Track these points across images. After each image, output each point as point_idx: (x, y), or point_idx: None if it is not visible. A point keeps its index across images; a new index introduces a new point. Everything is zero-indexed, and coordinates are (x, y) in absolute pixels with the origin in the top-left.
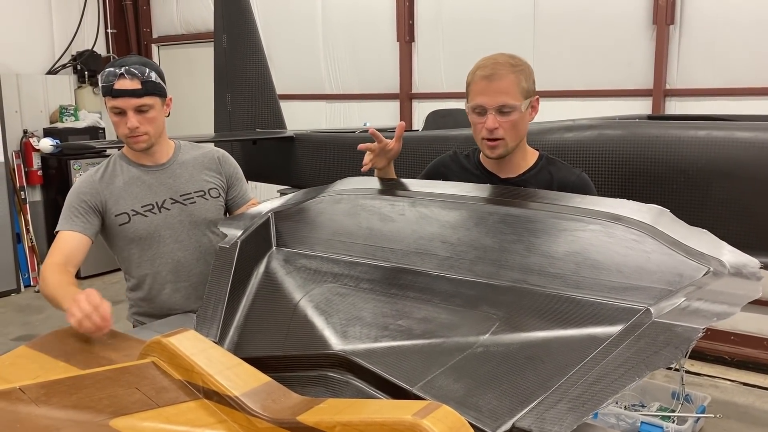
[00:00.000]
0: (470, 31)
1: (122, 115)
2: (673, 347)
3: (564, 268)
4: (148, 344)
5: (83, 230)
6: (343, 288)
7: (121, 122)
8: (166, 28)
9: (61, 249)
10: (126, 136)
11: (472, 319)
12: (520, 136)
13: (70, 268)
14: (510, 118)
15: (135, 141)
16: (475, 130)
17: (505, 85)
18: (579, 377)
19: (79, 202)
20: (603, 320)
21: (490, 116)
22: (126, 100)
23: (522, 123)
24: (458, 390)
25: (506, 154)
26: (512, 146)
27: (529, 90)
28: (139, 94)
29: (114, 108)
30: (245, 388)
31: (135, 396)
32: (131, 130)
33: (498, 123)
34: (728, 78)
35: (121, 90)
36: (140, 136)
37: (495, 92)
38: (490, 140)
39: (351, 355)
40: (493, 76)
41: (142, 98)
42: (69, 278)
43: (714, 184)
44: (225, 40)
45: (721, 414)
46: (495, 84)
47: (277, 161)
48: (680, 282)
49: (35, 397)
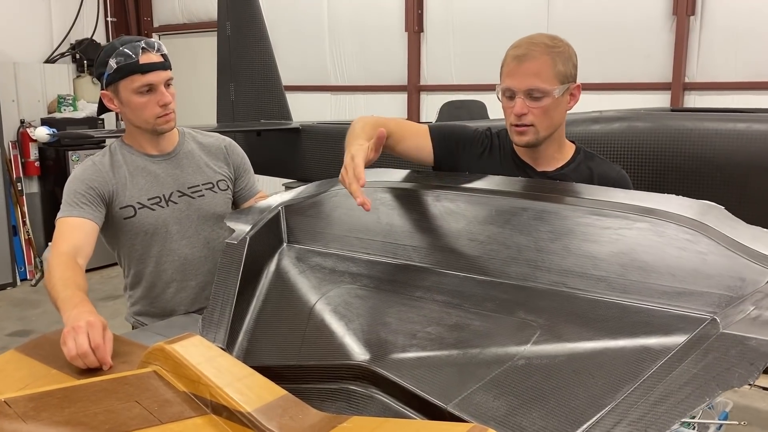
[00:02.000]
0: (482, 21)
1: (151, 93)
2: (748, 363)
3: (608, 270)
4: (149, 351)
5: (92, 217)
6: (363, 290)
7: (151, 101)
8: (167, 17)
9: (70, 237)
10: (156, 117)
11: (509, 326)
12: (553, 124)
13: (80, 260)
14: (540, 103)
15: (166, 119)
16: (505, 116)
17: (537, 67)
18: (639, 396)
19: (86, 188)
20: (656, 329)
21: (518, 100)
22: (158, 74)
23: (556, 111)
24: (499, 408)
25: (536, 142)
26: (544, 135)
27: (566, 75)
28: (165, 66)
29: (143, 86)
30: (258, 403)
31: (135, 410)
32: (164, 107)
33: (527, 108)
34: (751, 71)
35: (150, 64)
36: (171, 113)
37: (524, 74)
38: (518, 126)
39: (376, 366)
40: (525, 56)
41: (168, 71)
42: (77, 276)
43: (753, 180)
44: (229, 28)
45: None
46: (525, 65)
47: (283, 153)
48: (742, 287)
49: (22, 411)
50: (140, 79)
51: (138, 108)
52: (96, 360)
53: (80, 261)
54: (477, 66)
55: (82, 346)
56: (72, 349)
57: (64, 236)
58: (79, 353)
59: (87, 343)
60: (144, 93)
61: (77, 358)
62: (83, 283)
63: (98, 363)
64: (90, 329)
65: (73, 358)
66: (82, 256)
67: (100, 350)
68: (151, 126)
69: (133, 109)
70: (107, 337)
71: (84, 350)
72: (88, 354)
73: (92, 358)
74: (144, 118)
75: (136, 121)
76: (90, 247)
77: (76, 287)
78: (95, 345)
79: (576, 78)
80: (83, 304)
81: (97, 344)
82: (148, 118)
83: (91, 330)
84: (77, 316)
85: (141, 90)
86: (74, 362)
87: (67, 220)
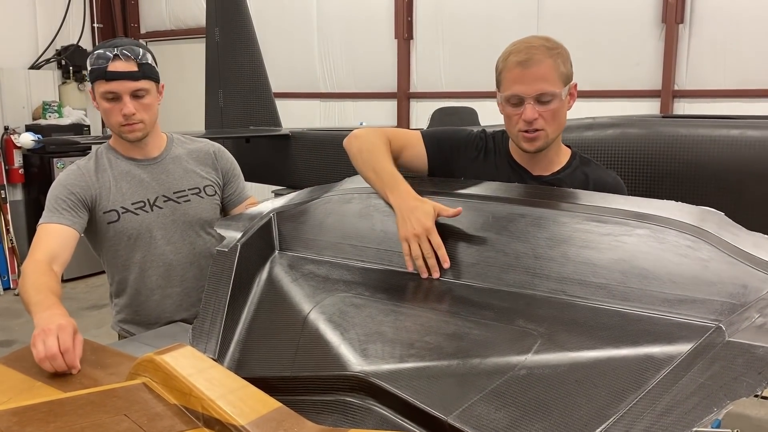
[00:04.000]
0: (472, 29)
1: (116, 101)
2: (756, 372)
3: (609, 277)
4: (138, 362)
5: (72, 224)
6: (358, 298)
7: (115, 109)
8: (155, 23)
9: (46, 244)
10: (120, 125)
11: (509, 335)
12: (560, 126)
13: (56, 267)
14: (550, 107)
15: (130, 129)
16: (510, 123)
17: (543, 71)
18: (645, 407)
19: (67, 194)
20: (658, 338)
21: (528, 106)
22: (122, 84)
23: (562, 112)
24: (501, 420)
25: (546, 146)
26: (552, 138)
27: (567, 75)
28: (136, 77)
29: (107, 93)
30: (252, 416)
31: (123, 424)
32: (126, 117)
33: (537, 113)
34: (740, 79)
35: (116, 72)
36: (136, 124)
37: (532, 79)
38: (529, 132)
39: (373, 377)
40: (529, 61)
41: (138, 81)
42: (51, 281)
43: (747, 186)
44: (218, 34)
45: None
46: (532, 70)
47: (272, 160)
48: (745, 294)
49: (6, 426)
50: (105, 86)
51: (105, 112)
52: (64, 363)
53: (56, 268)
54: (466, 73)
55: (51, 348)
56: (41, 351)
57: (41, 243)
58: (47, 356)
59: (56, 346)
60: (109, 99)
61: (45, 360)
62: (57, 288)
63: (66, 367)
64: (60, 332)
65: (41, 361)
66: (58, 263)
67: (68, 354)
68: (117, 132)
69: (102, 112)
70: (77, 341)
71: (53, 353)
72: (56, 357)
73: (60, 361)
74: (110, 123)
75: (107, 124)
76: (67, 254)
77: (49, 291)
78: (64, 348)
79: (572, 77)
80: (55, 307)
81: (66, 348)
82: (113, 125)
83: (61, 333)
84: (48, 319)
85: (107, 96)
86: (42, 365)
87: (46, 226)
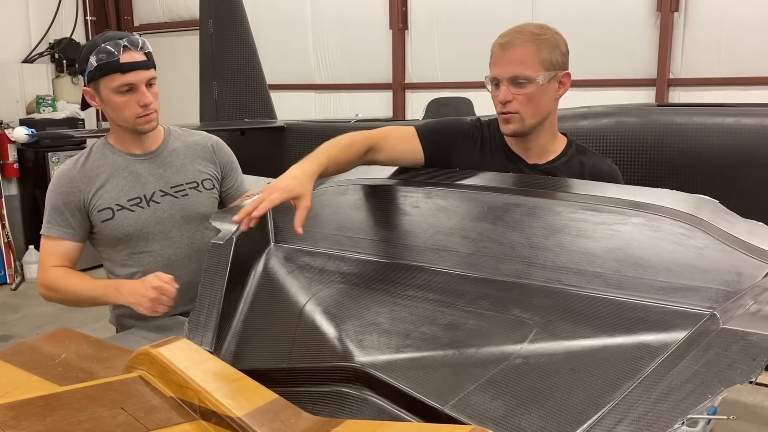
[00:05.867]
0: (467, 18)
1: (131, 92)
2: (750, 359)
3: (604, 266)
4: (135, 356)
5: (72, 237)
6: (354, 289)
7: (131, 101)
8: (148, 16)
9: (53, 255)
10: (137, 117)
11: (504, 325)
12: (540, 113)
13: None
14: (524, 90)
15: (147, 119)
16: (494, 105)
17: (520, 55)
18: (639, 394)
19: (63, 204)
20: (653, 326)
21: (503, 87)
22: (138, 74)
23: (542, 98)
24: (497, 409)
25: (523, 131)
26: (531, 123)
27: (552, 62)
28: (148, 65)
29: (123, 86)
30: (249, 408)
31: (120, 417)
32: (145, 108)
33: (511, 95)
34: (735, 67)
35: (131, 63)
36: (152, 113)
37: (508, 62)
38: (504, 114)
39: (369, 368)
40: (509, 44)
41: (150, 70)
42: (80, 274)
43: (742, 174)
44: (211, 26)
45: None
46: (509, 53)
47: (267, 152)
48: (739, 282)
49: (2, 421)
50: (120, 79)
51: (118, 107)
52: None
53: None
54: (462, 63)
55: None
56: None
57: (50, 253)
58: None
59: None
60: (124, 92)
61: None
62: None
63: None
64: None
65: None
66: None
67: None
68: (131, 125)
69: (113, 108)
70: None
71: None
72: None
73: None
74: (124, 117)
75: (117, 120)
76: (76, 260)
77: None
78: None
79: (566, 66)
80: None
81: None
82: (128, 118)
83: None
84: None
85: (121, 89)
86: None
87: (51, 241)
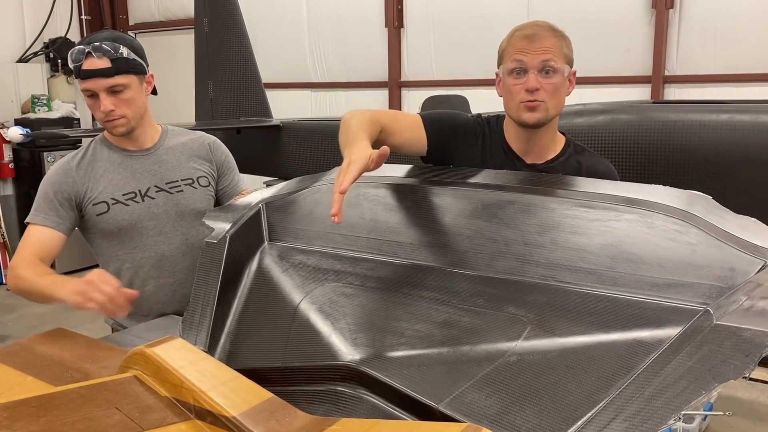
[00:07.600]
0: (462, 16)
1: (95, 97)
2: (743, 355)
3: (598, 263)
4: (129, 355)
5: (56, 225)
6: (348, 288)
7: (95, 105)
8: (144, 15)
9: (32, 244)
10: (102, 120)
11: (499, 322)
12: (559, 105)
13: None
14: (552, 80)
15: (112, 125)
16: (510, 96)
17: (549, 44)
18: (634, 391)
19: (53, 193)
20: (647, 322)
21: (531, 75)
22: (96, 81)
23: (563, 91)
24: (491, 406)
25: (545, 120)
26: (552, 115)
27: (569, 58)
28: (109, 73)
29: (85, 90)
30: (244, 407)
31: (115, 417)
32: (106, 114)
33: (539, 83)
34: (730, 64)
35: (89, 70)
36: (117, 119)
37: (537, 50)
38: (530, 102)
39: (364, 367)
40: (536, 35)
41: (113, 78)
42: (46, 269)
43: (737, 170)
44: (206, 24)
45: (730, 411)
46: (537, 43)
47: (263, 151)
48: (732, 278)
49: None
50: (82, 84)
51: (89, 108)
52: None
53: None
54: (458, 61)
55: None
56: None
57: (27, 243)
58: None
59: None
60: (89, 96)
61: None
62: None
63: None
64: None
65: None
66: (44, 261)
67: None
68: (102, 126)
69: (89, 108)
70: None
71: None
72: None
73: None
74: (96, 118)
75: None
76: (53, 253)
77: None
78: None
79: (573, 64)
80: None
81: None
82: (98, 120)
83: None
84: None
85: (86, 93)
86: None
87: (32, 228)
